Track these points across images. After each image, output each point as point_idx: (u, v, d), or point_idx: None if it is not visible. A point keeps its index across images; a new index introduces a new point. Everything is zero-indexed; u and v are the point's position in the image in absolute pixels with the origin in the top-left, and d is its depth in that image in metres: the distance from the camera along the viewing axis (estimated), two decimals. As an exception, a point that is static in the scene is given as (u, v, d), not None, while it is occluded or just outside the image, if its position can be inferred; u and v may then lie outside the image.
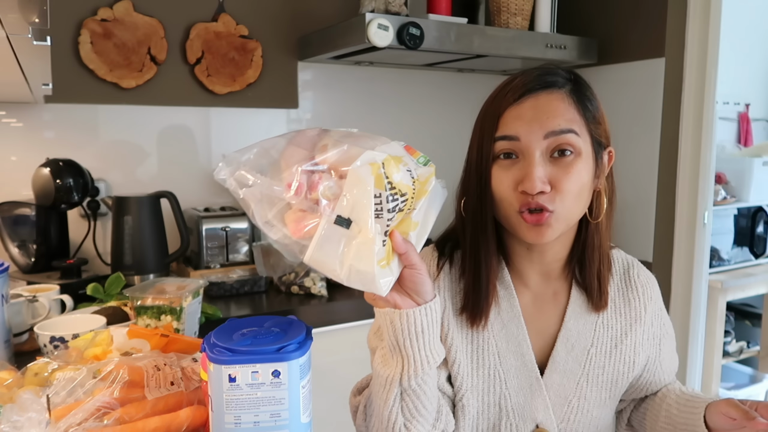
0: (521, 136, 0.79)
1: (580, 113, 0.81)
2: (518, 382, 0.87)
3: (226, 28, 2.09)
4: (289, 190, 0.61)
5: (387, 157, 0.64)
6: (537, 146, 0.79)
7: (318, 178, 0.62)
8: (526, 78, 0.82)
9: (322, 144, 0.64)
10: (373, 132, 2.42)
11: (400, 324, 0.71)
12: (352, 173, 0.61)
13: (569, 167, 0.79)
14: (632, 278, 0.93)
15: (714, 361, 2.37)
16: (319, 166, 0.62)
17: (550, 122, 0.79)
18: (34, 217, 1.77)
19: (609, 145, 0.87)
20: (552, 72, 0.83)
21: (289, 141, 0.65)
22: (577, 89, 0.83)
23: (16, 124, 1.88)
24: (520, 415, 0.87)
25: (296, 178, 0.61)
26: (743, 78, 2.93)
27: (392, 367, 0.75)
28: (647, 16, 2.13)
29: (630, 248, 2.25)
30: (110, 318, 1.29)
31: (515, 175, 0.80)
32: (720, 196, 2.52)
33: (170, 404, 0.77)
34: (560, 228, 0.81)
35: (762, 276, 2.54)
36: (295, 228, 0.62)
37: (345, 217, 0.61)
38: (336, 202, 0.61)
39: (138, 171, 2.05)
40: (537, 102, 0.80)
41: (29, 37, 0.73)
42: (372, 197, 0.62)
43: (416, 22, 1.85)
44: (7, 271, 1.17)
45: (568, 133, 0.79)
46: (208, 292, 1.76)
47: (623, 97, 2.24)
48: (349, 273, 0.62)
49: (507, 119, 0.81)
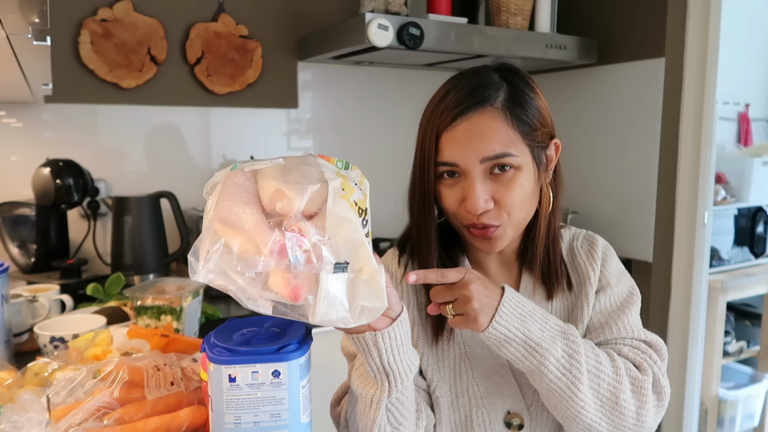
0: (459, 162, 0.81)
1: (514, 128, 0.81)
2: (485, 370, 0.89)
3: (226, 28, 2.09)
4: (272, 256, 0.55)
5: (341, 181, 0.59)
6: (475, 169, 0.81)
7: (297, 232, 0.56)
8: (458, 95, 0.82)
9: (270, 192, 0.57)
10: (372, 132, 2.42)
11: (383, 344, 0.70)
12: (332, 215, 0.57)
13: (510, 183, 0.81)
14: (575, 248, 0.95)
15: (714, 361, 2.37)
16: (296, 218, 0.57)
17: (484, 147, 0.80)
18: (34, 217, 1.77)
19: (553, 138, 0.87)
20: (483, 84, 0.82)
21: (229, 201, 0.57)
22: (511, 98, 0.82)
23: (16, 124, 1.88)
24: (490, 402, 0.88)
25: (276, 241, 0.55)
26: (743, 78, 2.93)
27: (376, 386, 0.73)
28: (647, 16, 2.13)
29: (630, 248, 2.27)
30: (110, 318, 1.29)
31: (458, 193, 0.83)
32: (720, 196, 2.52)
33: (170, 404, 0.77)
34: (510, 235, 0.85)
35: (762, 276, 2.54)
36: (291, 293, 0.57)
37: (342, 261, 0.58)
38: (322, 250, 0.57)
39: (138, 171, 2.05)
40: (470, 124, 0.80)
41: (29, 37, 0.73)
42: (361, 229, 0.59)
43: (416, 22, 1.85)
44: (7, 271, 1.17)
45: (504, 156, 0.80)
46: (208, 292, 1.76)
47: (623, 97, 2.24)
48: (360, 314, 0.60)
49: (444, 144, 0.82)
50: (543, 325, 0.78)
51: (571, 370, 0.77)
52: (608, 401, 0.80)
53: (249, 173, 0.59)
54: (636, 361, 0.85)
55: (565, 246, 0.95)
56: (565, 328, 0.80)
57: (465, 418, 0.88)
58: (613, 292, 0.91)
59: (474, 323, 0.75)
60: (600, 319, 0.89)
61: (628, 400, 0.80)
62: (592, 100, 2.35)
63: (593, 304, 0.90)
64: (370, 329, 0.69)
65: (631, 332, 0.88)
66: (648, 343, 0.88)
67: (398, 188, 0.95)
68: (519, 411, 0.88)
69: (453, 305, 0.76)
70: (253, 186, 0.59)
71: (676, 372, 2.20)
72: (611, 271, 0.92)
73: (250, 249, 0.56)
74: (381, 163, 2.31)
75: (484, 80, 0.83)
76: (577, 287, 0.92)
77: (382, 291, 0.61)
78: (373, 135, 2.44)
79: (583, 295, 0.90)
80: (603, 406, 0.80)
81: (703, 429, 2.42)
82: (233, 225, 0.56)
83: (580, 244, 0.95)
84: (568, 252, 0.95)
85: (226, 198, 0.57)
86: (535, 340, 0.76)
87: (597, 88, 2.33)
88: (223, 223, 0.56)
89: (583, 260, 0.93)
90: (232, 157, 2.18)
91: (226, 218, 0.56)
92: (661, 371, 0.85)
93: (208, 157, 2.15)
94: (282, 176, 0.58)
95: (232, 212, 0.56)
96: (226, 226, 0.56)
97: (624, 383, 0.81)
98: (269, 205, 0.58)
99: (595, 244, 0.94)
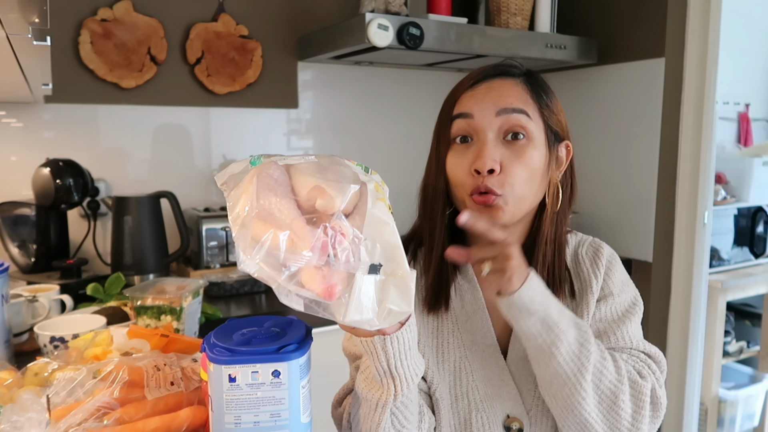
0: (475, 113, 0.83)
1: (533, 98, 0.85)
2: (485, 374, 0.89)
3: (226, 28, 2.09)
4: (314, 251, 0.54)
5: (375, 183, 0.60)
6: (489, 125, 0.83)
7: (338, 229, 0.56)
8: (483, 68, 0.88)
9: (307, 188, 0.57)
10: (373, 132, 2.42)
11: (391, 349, 0.69)
12: (372, 217, 0.57)
13: (521, 151, 0.82)
14: (579, 255, 0.94)
15: (714, 361, 2.37)
16: (337, 217, 0.56)
17: (502, 100, 0.83)
18: (34, 217, 1.77)
19: (566, 138, 0.89)
20: (509, 64, 0.89)
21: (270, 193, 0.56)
22: (531, 80, 0.88)
23: (16, 124, 1.88)
24: (490, 406, 0.87)
25: (318, 237, 0.55)
26: (743, 78, 2.93)
27: (382, 390, 0.73)
28: (647, 17, 2.13)
29: (630, 248, 2.27)
30: (110, 318, 1.29)
31: (469, 158, 0.83)
32: (720, 196, 2.52)
33: (170, 404, 0.77)
34: (511, 210, 0.83)
35: (762, 276, 2.54)
36: (326, 292, 0.56)
37: (376, 263, 0.58)
38: (359, 250, 0.56)
39: (138, 171, 2.05)
40: (491, 84, 0.86)
41: (29, 37, 0.73)
42: (397, 232, 0.59)
43: (416, 22, 1.85)
44: (7, 271, 1.17)
45: (520, 113, 0.83)
46: (208, 292, 1.76)
47: (623, 97, 2.24)
48: (386, 317, 0.59)
49: (462, 100, 0.86)
50: (560, 309, 0.79)
51: (579, 357, 0.78)
52: (607, 399, 0.79)
53: (283, 167, 0.58)
54: (636, 368, 0.84)
55: (570, 252, 0.94)
56: (578, 320, 0.81)
57: (464, 421, 0.88)
58: (615, 302, 0.90)
59: (508, 282, 0.75)
60: (600, 327, 0.88)
61: (626, 402, 0.80)
62: (592, 101, 2.35)
63: (593, 312, 0.89)
64: (379, 333, 0.68)
65: (631, 342, 0.87)
66: (648, 355, 0.87)
67: (398, 188, 0.94)
68: (518, 415, 0.87)
69: (493, 261, 0.76)
70: (287, 180, 0.58)
71: (676, 372, 2.19)
72: (615, 281, 0.92)
73: (296, 243, 0.55)
74: (381, 163, 2.31)
75: (508, 62, 0.90)
76: (579, 295, 0.91)
77: (411, 295, 0.61)
78: (373, 135, 2.44)
79: (584, 303, 0.90)
80: (601, 403, 0.79)
81: (703, 429, 2.42)
82: (276, 218, 0.55)
83: (585, 251, 0.94)
84: (573, 258, 0.94)
85: (266, 189, 0.56)
86: (554, 318, 0.77)
87: (597, 89, 2.33)
88: (266, 215, 0.55)
89: (587, 267, 0.92)
90: (232, 157, 2.18)
91: (269, 211, 0.55)
92: (659, 382, 0.85)
93: (208, 157, 2.15)
94: (319, 173, 0.58)
95: (274, 205, 0.55)
96: (267, 219, 0.55)
97: (624, 384, 0.80)
98: (307, 201, 0.57)
99: (600, 252, 0.93)
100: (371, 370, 0.72)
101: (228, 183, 0.59)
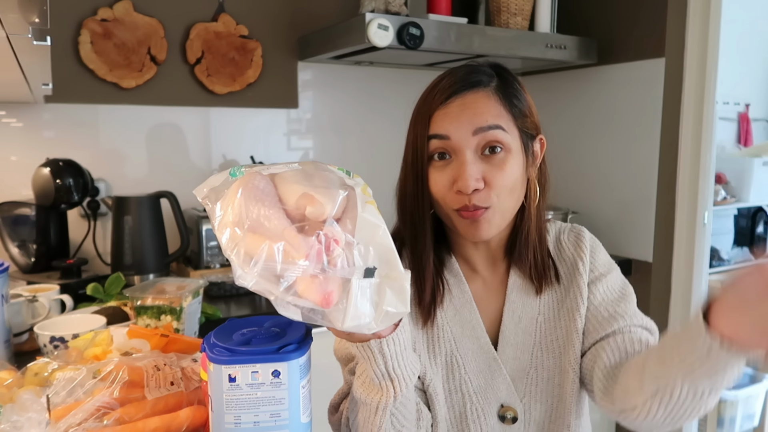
0: (451, 134, 0.82)
1: (506, 109, 0.84)
2: (477, 365, 0.90)
3: (226, 28, 2.09)
4: (309, 259, 0.54)
5: (362, 186, 0.59)
6: (467, 144, 0.82)
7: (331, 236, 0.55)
8: (452, 78, 0.85)
9: (295, 196, 0.56)
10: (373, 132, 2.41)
11: (388, 351, 0.69)
12: (363, 220, 0.56)
13: (501, 164, 0.82)
14: (562, 241, 0.96)
15: (714, 361, 2.37)
16: (329, 223, 0.55)
17: (477, 118, 0.82)
18: (34, 217, 1.77)
19: (539, 134, 0.90)
20: (477, 70, 0.86)
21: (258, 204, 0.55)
22: (502, 85, 0.86)
23: (16, 124, 1.88)
24: (484, 397, 0.89)
25: (312, 246, 0.54)
26: (743, 78, 2.93)
27: (381, 393, 0.73)
28: (647, 17, 2.13)
29: (630, 248, 2.27)
30: (110, 318, 1.29)
31: (449, 175, 0.83)
32: (720, 196, 2.52)
33: (170, 404, 0.77)
34: (497, 223, 0.84)
35: (762, 276, 2.54)
36: (323, 300, 0.55)
37: (371, 267, 0.57)
38: (354, 255, 0.56)
39: (138, 171, 2.05)
40: (464, 101, 0.83)
41: (29, 37, 0.73)
42: (388, 234, 0.59)
43: (416, 22, 1.85)
44: (7, 271, 1.17)
45: (496, 129, 0.82)
46: (208, 292, 1.76)
47: (623, 97, 2.24)
48: (383, 319, 0.59)
49: (436, 119, 0.84)
50: None
51: None
52: None
53: (267, 177, 0.58)
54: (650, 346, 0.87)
55: (552, 240, 0.97)
56: None
57: (460, 414, 0.89)
58: (607, 281, 0.93)
59: None
60: (608, 310, 0.90)
61: None
62: (592, 101, 2.35)
63: (589, 295, 0.91)
64: (374, 336, 0.68)
65: (639, 320, 0.90)
66: (649, 331, 0.90)
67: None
68: (512, 404, 0.89)
69: None
70: (273, 190, 0.57)
71: (676, 372, 2.19)
72: (601, 261, 0.94)
73: (291, 253, 0.54)
74: (381, 163, 2.31)
75: (476, 69, 0.87)
76: (566, 279, 0.93)
77: (407, 296, 0.60)
78: (374, 135, 2.44)
79: (574, 285, 0.91)
80: None
81: (703, 429, 2.42)
82: (267, 229, 0.55)
83: (566, 236, 0.97)
84: (555, 245, 0.96)
85: (253, 201, 0.55)
86: None
87: (597, 89, 2.33)
88: (257, 226, 0.55)
89: (571, 252, 0.94)
90: (232, 157, 2.18)
91: (260, 222, 0.55)
92: None
93: (208, 157, 2.15)
94: (306, 181, 0.57)
95: (263, 216, 0.55)
96: (258, 230, 0.55)
97: None
98: (296, 210, 0.56)
99: (582, 236, 0.96)
100: (369, 374, 0.72)
101: (209, 196, 0.59)
